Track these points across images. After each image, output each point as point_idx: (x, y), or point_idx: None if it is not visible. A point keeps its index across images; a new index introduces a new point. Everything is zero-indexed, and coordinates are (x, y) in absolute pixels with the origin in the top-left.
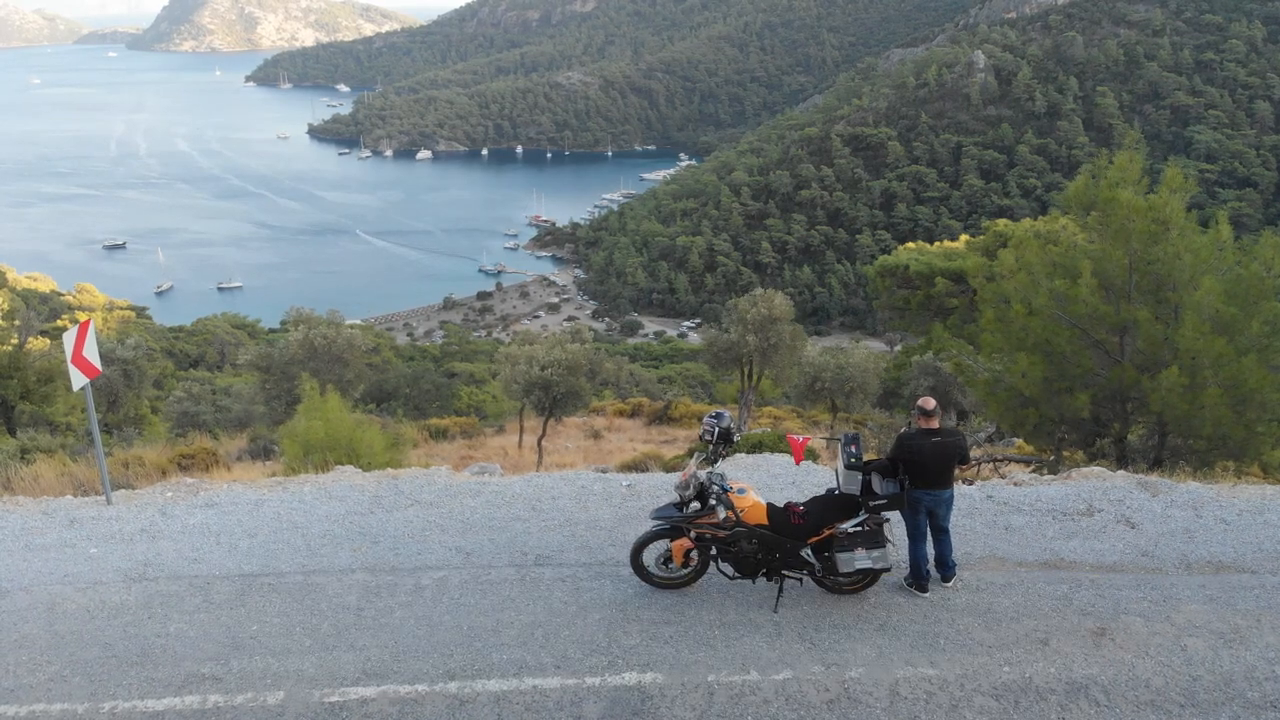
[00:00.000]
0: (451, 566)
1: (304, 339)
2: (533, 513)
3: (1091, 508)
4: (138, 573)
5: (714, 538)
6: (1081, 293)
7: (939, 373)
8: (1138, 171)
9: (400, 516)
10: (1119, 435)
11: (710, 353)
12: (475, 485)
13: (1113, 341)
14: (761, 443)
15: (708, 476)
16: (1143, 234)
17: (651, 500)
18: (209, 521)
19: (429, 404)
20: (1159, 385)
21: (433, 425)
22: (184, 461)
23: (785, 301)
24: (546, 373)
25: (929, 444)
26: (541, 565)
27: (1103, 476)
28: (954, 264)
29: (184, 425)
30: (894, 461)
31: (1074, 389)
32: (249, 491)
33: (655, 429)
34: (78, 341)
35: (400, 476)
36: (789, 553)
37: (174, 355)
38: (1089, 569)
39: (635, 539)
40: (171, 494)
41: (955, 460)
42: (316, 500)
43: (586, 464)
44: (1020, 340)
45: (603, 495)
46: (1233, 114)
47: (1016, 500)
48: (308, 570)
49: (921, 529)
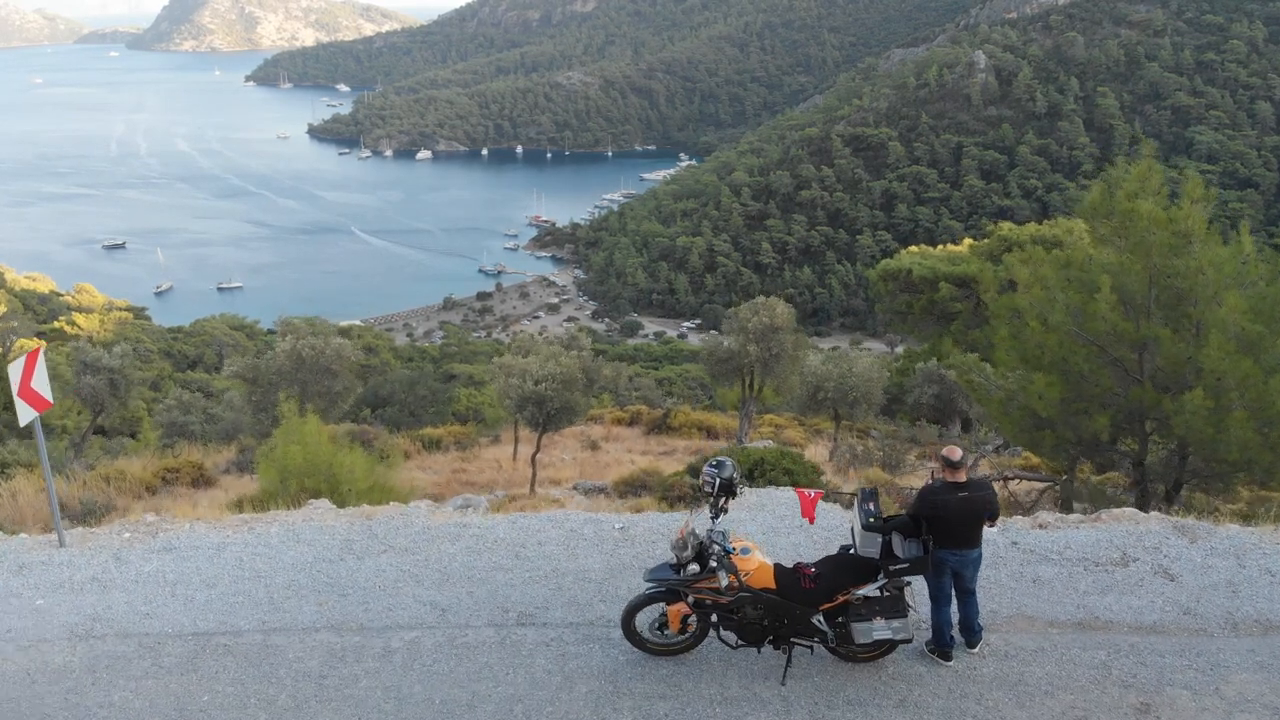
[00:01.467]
0: (425, 626)
1: (291, 350)
2: (516, 561)
3: (1126, 556)
4: (85, 629)
5: (714, 604)
6: (1100, 309)
7: (943, 380)
8: (1158, 182)
9: (372, 565)
10: (1138, 459)
11: (710, 362)
12: (455, 528)
13: (1131, 359)
14: (764, 460)
15: (707, 535)
16: (1163, 247)
17: (646, 546)
18: (165, 569)
19: (425, 410)
20: (1183, 408)
21: (426, 435)
22: (169, 475)
23: (787, 309)
24: (540, 387)
25: (955, 499)
26: (524, 625)
27: (1135, 519)
28: (958, 268)
29: (173, 435)
30: (916, 519)
31: (1092, 410)
32: (211, 533)
33: (654, 438)
34: (25, 372)
35: (375, 517)
36: (799, 619)
37: (172, 356)
38: (1127, 630)
39: (628, 602)
40: (129, 535)
41: (984, 517)
42: (283, 544)
43: (582, 478)
44: (1036, 358)
45: (593, 540)
46: (1234, 115)
47: (1044, 547)
48: (268, 628)
49: (946, 591)
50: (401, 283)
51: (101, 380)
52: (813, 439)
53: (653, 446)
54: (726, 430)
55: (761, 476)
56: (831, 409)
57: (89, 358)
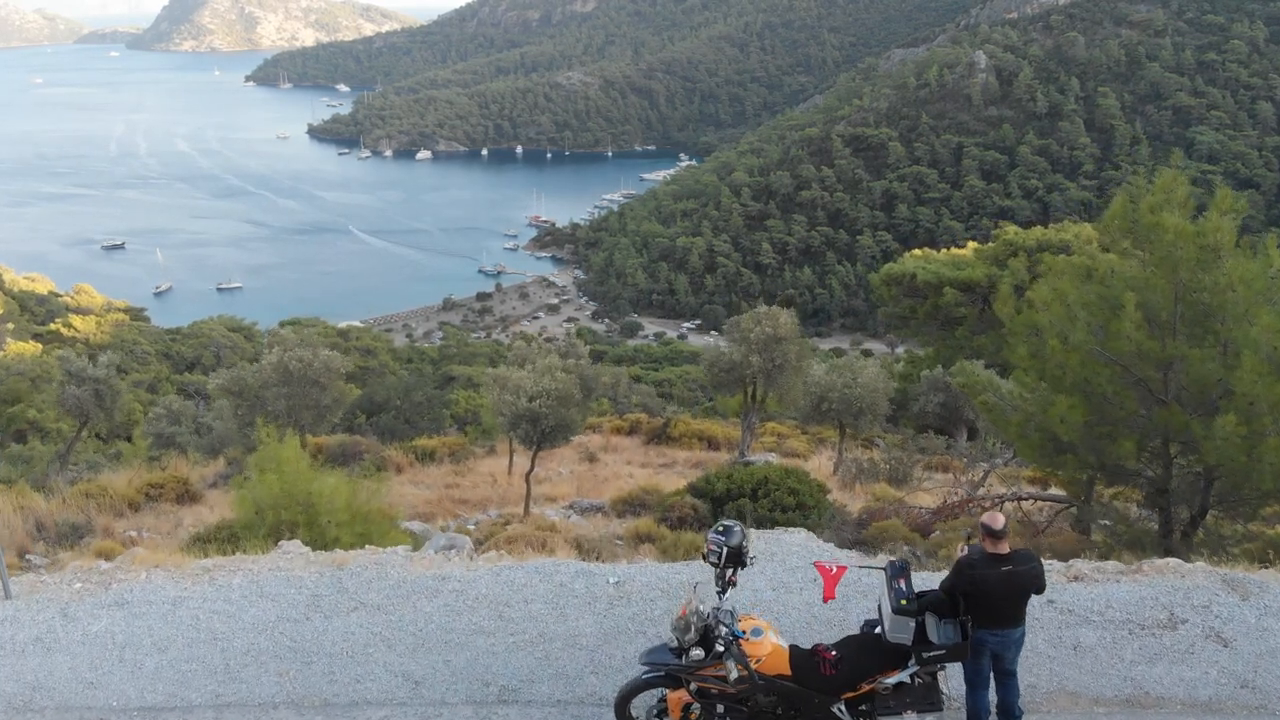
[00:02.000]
0: (395, 702)
1: (278, 362)
2: (499, 623)
3: (1174, 617)
4: (24, 699)
5: (721, 693)
6: (1125, 328)
7: (948, 389)
8: (1183, 193)
9: (340, 626)
10: (1162, 485)
11: (711, 373)
12: (433, 581)
13: (1156, 380)
14: (768, 478)
15: (713, 615)
16: (1190, 262)
17: (644, 605)
18: (115, 628)
19: (420, 417)
20: (1214, 433)
21: (419, 447)
22: (152, 492)
23: (790, 319)
24: (535, 404)
25: (997, 574)
26: (506, 703)
27: (1179, 571)
28: (963, 273)
29: (162, 445)
30: (953, 595)
31: (1117, 434)
32: (168, 585)
33: (654, 449)
34: None
35: (347, 565)
36: (818, 709)
37: (170, 358)
38: (1180, 707)
39: (621, 687)
40: (80, 585)
41: (1030, 594)
42: (245, 599)
43: (579, 495)
44: (1057, 379)
45: (585, 597)
46: (1234, 115)
47: (1083, 606)
48: (222, 703)
49: (984, 674)
50: (401, 283)
51: (87, 391)
52: (816, 448)
53: (652, 458)
54: (728, 440)
55: (766, 497)
56: (836, 419)
57: (74, 368)
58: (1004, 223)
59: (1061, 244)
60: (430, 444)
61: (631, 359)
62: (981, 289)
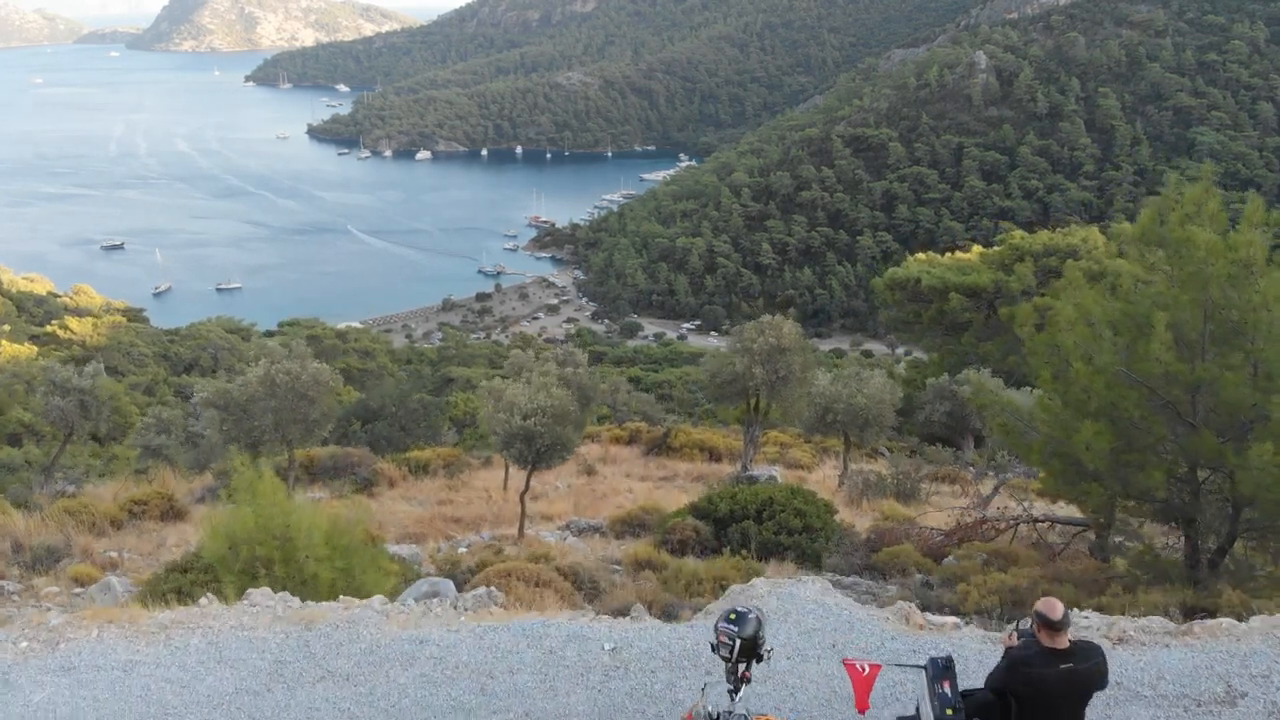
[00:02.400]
0: None
1: (264, 375)
2: (481, 698)
3: (1231, 690)
4: None
5: None
6: (1155, 349)
7: (955, 397)
8: (1215, 206)
9: (305, 699)
10: (1189, 514)
11: (713, 385)
12: (409, 646)
13: (1184, 402)
14: (773, 499)
15: None
16: (1221, 279)
17: (643, 679)
18: (58, 699)
19: (416, 424)
20: (1249, 463)
21: (413, 459)
22: (136, 509)
23: (795, 329)
24: (529, 422)
25: (1057, 673)
26: None
27: (1233, 634)
28: (968, 279)
29: (150, 457)
30: (1004, 696)
31: (1145, 463)
32: (121, 645)
33: (654, 461)
34: None
35: (316, 624)
36: None
37: (168, 359)
38: None
39: None
40: (26, 644)
41: (1093, 694)
42: (202, 665)
43: (576, 513)
44: (1082, 404)
45: (577, 666)
46: (1235, 115)
47: (1131, 677)
48: None
49: None
50: (400, 283)
51: (71, 402)
52: (820, 459)
53: (652, 470)
54: (729, 451)
55: (771, 519)
56: (841, 431)
57: (58, 378)
58: (1007, 224)
59: (1069, 249)
60: (424, 456)
61: (631, 360)
62: (987, 294)
